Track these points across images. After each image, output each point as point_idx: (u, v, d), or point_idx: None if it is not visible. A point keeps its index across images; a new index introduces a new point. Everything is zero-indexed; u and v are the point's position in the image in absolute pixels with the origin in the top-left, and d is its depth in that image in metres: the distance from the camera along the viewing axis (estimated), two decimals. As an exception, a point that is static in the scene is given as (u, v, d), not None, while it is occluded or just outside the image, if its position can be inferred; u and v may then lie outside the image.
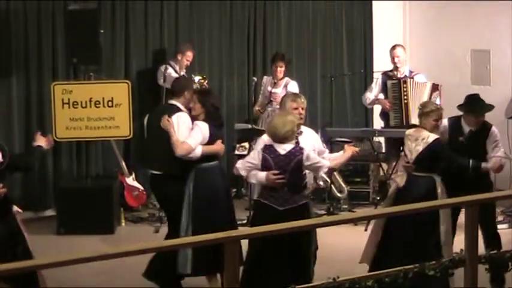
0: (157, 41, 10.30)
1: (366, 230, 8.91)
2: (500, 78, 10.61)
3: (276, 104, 9.65)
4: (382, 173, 9.85)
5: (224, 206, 6.88)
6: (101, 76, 9.59)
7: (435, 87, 9.65)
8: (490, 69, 10.84)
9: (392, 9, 12.02)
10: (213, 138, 6.83)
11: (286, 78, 9.99)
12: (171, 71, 9.70)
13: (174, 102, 7.11)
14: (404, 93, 9.66)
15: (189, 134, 6.83)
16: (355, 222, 8.51)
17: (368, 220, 8.82)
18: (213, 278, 6.94)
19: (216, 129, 6.88)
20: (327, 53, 11.53)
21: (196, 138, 6.78)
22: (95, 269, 6.60)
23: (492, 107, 7.37)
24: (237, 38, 10.85)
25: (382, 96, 9.90)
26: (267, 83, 10.11)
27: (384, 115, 9.99)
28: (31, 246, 5.99)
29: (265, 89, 10.09)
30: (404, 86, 9.68)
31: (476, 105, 7.14)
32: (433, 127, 6.84)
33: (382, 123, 10.14)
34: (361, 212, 9.08)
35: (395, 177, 7.41)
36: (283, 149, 6.22)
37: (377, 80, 10.08)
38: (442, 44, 11.40)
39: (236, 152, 9.41)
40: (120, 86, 9.14)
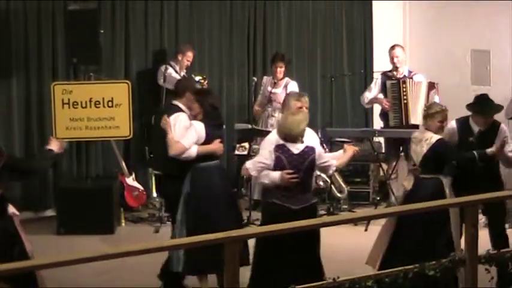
0: (158, 41, 10.30)
1: (366, 230, 8.92)
2: (500, 79, 10.61)
3: (278, 104, 9.65)
4: (382, 173, 9.85)
5: (223, 206, 6.81)
6: (101, 76, 9.59)
7: (431, 86, 9.65)
8: (490, 70, 10.84)
9: (393, 9, 12.02)
10: (209, 138, 6.80)
11: (286, 79, 9.98)
12: (171, 71, 9.70)
13: (176, 103, 7.16)
14: (404, 94, 9.65)
15: (185, 134, 6.85)
16: (355, 222, 8.51)
17: (368, 220, 8.84)
18: (204, 278, 6.92)
19: (213, 129, 6.84)
20: (327, 53, 11.53)
21: (190, 138, 6.75)
22: (95, 269, 6.59)
23: (501, 107, 7.34)
24: (237, 38, 10.85)
25: (381, 96, 9.89)
26: (267, 83, 10.10)
27: (384, 115, 9.98)
28: (28, 246, 5.94)
29: (265, 89, 10.08)
30: (403, 86, 9.68)
31: (485, 105, 7.08)
32: (438, 128, 6.81)
33: (382, 124, 10.13)
34: (361, 212, 9.08)
35: (403, 181, 7.37)
36: (297, 148, 6.21)
37: (376, 80, 10.05)
38: (442, 44, 11.40)
39: (236, 152, 9.41)
40: (120, 86, 9.13)
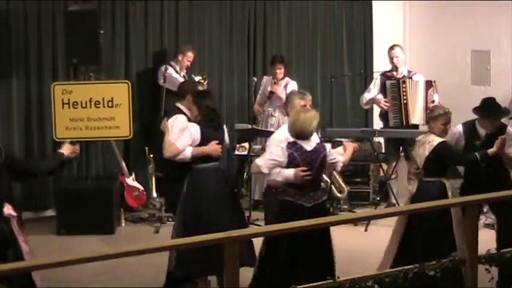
0: (158, 41, 10.30)
1: (366, 231, 8.92)
2: (500, 79, 10.61)
3: (278, 104, 9.63)
4: (382, 173, 9.84)
5: (221, 208, 6.76)
6: (101, 76, 9.60)
7: (429, 84, 9.63)
8: (490, 70, 10.84)
9: (393, 9, 12.02)
10: (205, 140, 6.78)
11: (286, 79, 9.97)
12: (172, 71, 9.70)
13: (178, 105, 7.17)
14: (404, 94, 9.64)
15: (181, 136, 6.84)
16: (355, 222, 8.50)
17: (368, 220, 8.84)
18: (203, 279, 6.92)
19: (210, 131, 6.81)
20: (327, 53, 11.53)
21: (184, 140, 6.74)
22: (95, 269, 6.61)
23: (508, 111, 7.29)
24: (237, 38, 10.85)
25: (381, 97, 9.85)
26: (266, 83, 10.10)
27: (383, 116, 9.93)
28: (25, 249, 5.89)
29: (264, 89, 10.08)
30: (403, 86, 9.66)
31: (492, 110, 7.02)
32: (441, 131, 6.78)
33: (382, 124, 10.10)
34: (361, 212, 9.07)
35: (408, 185, 7.35)
36: (310, 145, 6.24)
37: (375, 81, 10.01)
38: (442, 44, 11.40)
39: (236, 152, 9.40)
40: (120, 86, 9.13)
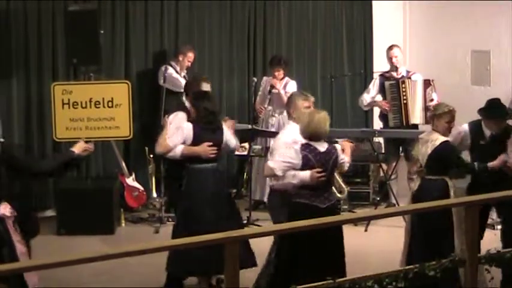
0: (157, 41, 10.30)
1: (366, 231, 8.92)
2: (500, 79, 10.60)
3: (280, 105, 9.60)
4: (382, 173, 9.84)
5: (216, 208, 6.76)
6: (100, 76, 9.60)
7: (427, 83, 9.62)
8: (490, 70, 10.83)
9: (393, 10, 12.01)
10: (197, 140, 6.79)
11: (286, 78, 9.96)
12: (172, 71, 9.70)
13: (184, 99, 7.20)
14: (403, 94, 9.62)
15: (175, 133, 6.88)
16: (355, 222, 8.49)
17: (368, 220, 8.83)
18: (204, 279, 6.95)
19: (204, 132, 6.81)
20: (327, 53, 11.52)
21: (175, 138, 6.79)
22: (95, 269, 6.61)
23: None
24: (237, 38, 10.84)
25: (380, 97, 9.84)
26: (266, 83, 10.07)
27: (383, 117, 9.90)
28: (21, 249, 5.86)
29: (264, 89, 10.06)
30: (403, 86, 9.64)
31: (497, 111, 6.99)
32: (445, 129, 6.75)
33: (382, 125, 10.08)
34: (361, 213, 9.07)
35: (408, 185, 7.35)
36: (323, 146, 6.24)
37: (374, 82, 9.99)
38: (442, 44, 11.39)
39: (236, 152, 9.39)
40: (120, 86, 9.12)
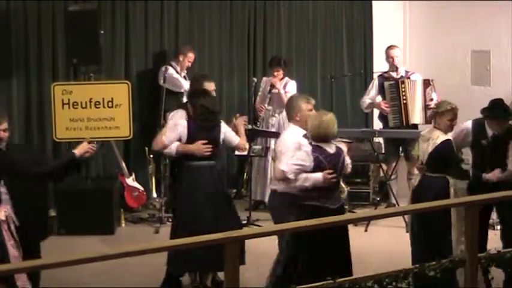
0: (158, 41, 10.30)
1: (366, 231, 8.92)
2: (500, 79, 10.59)
3: (281, 105, 9.59)
4: (382, 173, 9.83)
5: (214, 207, 6.76)
6: (101, 76, 9.60)
7: (427, 83, 9.62)
8: (490, 70, 10.82)
9: (393, 9, 12.00)
10: (192, 138, 6.81)
11: (286, 78, 9.96)
12: (172, 71, 9.70)
13: (185, 101, 7.22)
14: (403, 94, 9.61)
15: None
16: (355, 222, 8.49)
17: (368, 220, 8.83)
18: (207, 275, 6.95)
19: (200, 130, 6.82)
20: (327, 53, 11.51)
21: (170, 136, 6.83)
22: (95, 269, 6.61)
23: None
24: (237, 38, 10.84)
25: (380, 98, 9.82)
26: (266, 84, 10.07)
27: (383, 117, 9.86)
28: (14, 253, 5.82)
29: (264, 90, 10.06)
30: (402, 86, 9.62)
31: (499, 111, 6.94)
32: (447, 127, 6.75)
33: (381, 125, 10.07)
34: (361, 213, 9.07)
35: (408, 185, 7.35)
36: (332, 148, 6.26)
37: (373, 82, 9.96)
38: (442, 44, 11.39)
39: (236, 153, 9.39)
40: (120, 86, 9.12)
